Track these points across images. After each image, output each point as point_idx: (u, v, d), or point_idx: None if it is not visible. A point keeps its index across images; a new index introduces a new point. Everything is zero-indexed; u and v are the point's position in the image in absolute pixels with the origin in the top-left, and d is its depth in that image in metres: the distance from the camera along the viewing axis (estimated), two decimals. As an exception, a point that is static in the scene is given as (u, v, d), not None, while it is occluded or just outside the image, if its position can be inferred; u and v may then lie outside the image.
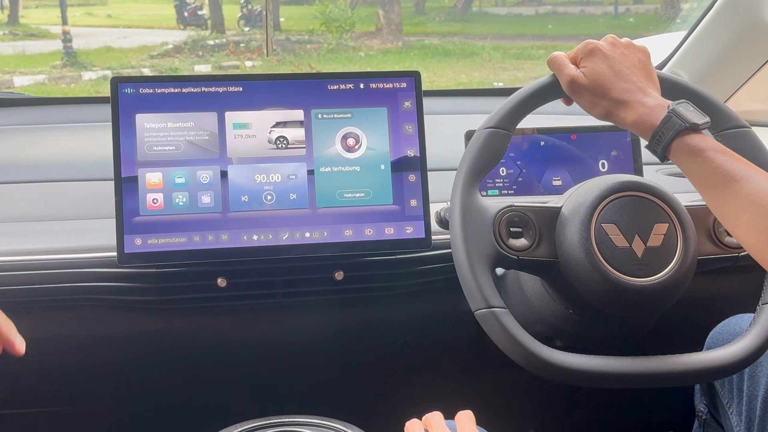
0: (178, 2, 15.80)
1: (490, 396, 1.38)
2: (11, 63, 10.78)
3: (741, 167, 1.08)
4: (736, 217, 1.08)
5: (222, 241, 1.34)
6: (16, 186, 1.57)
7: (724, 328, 1.39)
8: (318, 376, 1.54)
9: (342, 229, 1.37)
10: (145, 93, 1.35)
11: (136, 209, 1.32)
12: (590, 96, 1.16)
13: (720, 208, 1.11)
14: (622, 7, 16.32)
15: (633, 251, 1.21)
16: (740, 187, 1.06)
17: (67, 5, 13.20)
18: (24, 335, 1.37)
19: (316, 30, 12.43)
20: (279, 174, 1.37)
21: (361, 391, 1.51)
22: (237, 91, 1.38)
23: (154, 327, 1.42)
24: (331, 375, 1.54)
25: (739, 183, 1.06)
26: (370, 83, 1.41)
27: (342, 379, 1.55)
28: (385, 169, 1.40)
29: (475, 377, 1.53)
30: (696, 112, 1.12)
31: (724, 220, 1.12)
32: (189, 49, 12.28)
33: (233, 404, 1.44)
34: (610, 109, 1.14)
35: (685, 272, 1.21)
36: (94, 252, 1.35)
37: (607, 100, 1.14)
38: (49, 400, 1.50)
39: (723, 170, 1.08)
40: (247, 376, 1.53)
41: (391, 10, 13.36)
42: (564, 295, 1.28)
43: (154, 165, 1.34)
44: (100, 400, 1.53)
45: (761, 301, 1.23)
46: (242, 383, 1.54)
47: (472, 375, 1.52)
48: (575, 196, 1.25)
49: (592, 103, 1.17)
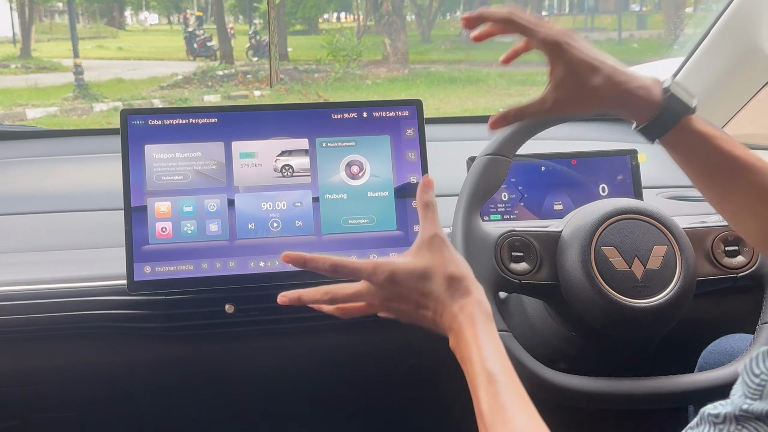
0: (187, 34, 15.91)
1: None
2: (24, 96, 10.80)
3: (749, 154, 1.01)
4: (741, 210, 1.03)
5: (229, 268, 1.35)
6: (28, 216, 1.57)
7: (716, 348, 1.39)
8: (326, 399, 1.53)
9: (348, 255, 1.37)
10: (154, 124, 1.36)
11: (145, 238, 1.33)
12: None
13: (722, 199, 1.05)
14: (626, 33, 16.37)
15: (633, 274, 1.21)
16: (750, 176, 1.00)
17: (79, 38, 13.30)
18: (35, 363, 1.39)
19: (323, 59, 12.46)
20: (285, 201, 1.38)
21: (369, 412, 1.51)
22: (243, 121, 1.39)
23: (164, 353, 1.41)
24: (338, 398, 1.53)
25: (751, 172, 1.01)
26: (373, 112, 1.41)
27: (349, 402, 1.54)
28: (388, 196, 1.40)
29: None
30: (686, 93, 1.02)
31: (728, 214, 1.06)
32: (198, 79, 12.32)
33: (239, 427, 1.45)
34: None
35: (684, 294, 1.21)
36: (104, 280, 1.35)
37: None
38: (60, 427, 1.49)
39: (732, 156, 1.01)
40: (255, 401, 1.53)
41: (397, 38, 13.42)
42: (566, 318, 1.28)
43: (162, 194, 1.35)
44: (110, 426, 1.53)
45: (761, 320, 1.23)
46: (251, 408, 1.54)
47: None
48: (575, 219, 1.26)
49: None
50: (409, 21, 15.35)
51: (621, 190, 1.55)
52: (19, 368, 1.38)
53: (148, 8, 21.06)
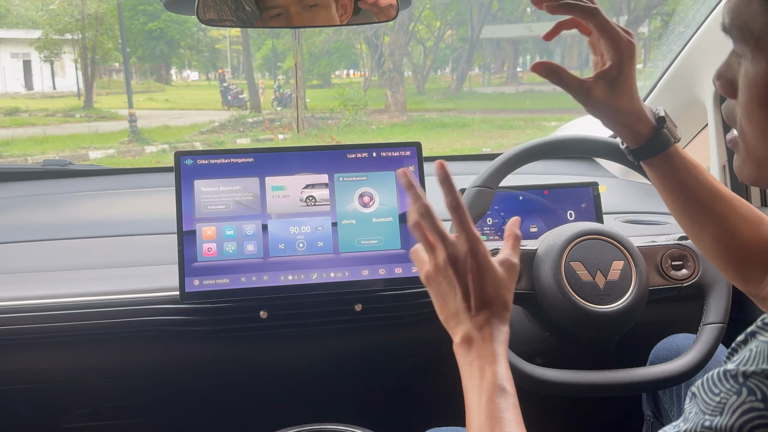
0: (222, 88, 15.99)
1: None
2: (87, 140, 10.84)
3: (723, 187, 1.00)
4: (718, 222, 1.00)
5: (263, 281, 1.35)
6: (96, 240, 1.57)
7: (664, 345, 1.39)
8: (341, 389, 1.53)
9: (360, 270, 1.38)
10: (202, 163, 1.36)
11: (194, 256, 1.33)
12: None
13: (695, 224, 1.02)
14: (587, 85, 16.40)
15: (596, 284, 1.21)
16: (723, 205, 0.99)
17: (133, 92, 13.33)
18: (102, 360, 1.39)
19: (335, 108, 12.48)
20: (309, 226, 1.38)
21: (377, 401, 1.50)
22: (274, 160, 1.39)
23: (208, 352, 1.41)
24: (352, 388, 1.53)
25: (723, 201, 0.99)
26: (381, 152, 1.42)
27: (361, 391, 1.53)
28: (394, 221, 1.40)
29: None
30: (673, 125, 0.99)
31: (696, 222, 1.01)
32: (232, 126, 12.36)
33: (272, 414, 1.44)
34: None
35: (639, 300, 1.22)
36: (160, 291, 1.35)
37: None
38: (123, 413, 1.49)
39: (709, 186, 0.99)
40: (284, 391, 1.52)
41: (397, 91, 13.45)
42: (541, 321, 1.28)
43: (208, 220, 1.35)
44: (165, 412, 1.53)
45: (702, 323, 1.23)
46: (280, 396, 1.53)
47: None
48: (548, 240, 1.26)
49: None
50: (407, 76, 15.38)
51: (585, 216, 1.55)
52: (88, 365, 1.38)
53: (190, 67, 21.13)
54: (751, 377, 0.55)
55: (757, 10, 0.61)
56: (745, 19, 0.63)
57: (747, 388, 0.55)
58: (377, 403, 1.54)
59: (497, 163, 1.26)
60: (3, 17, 15.38)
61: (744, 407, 0.55)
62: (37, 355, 1.35)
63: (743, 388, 0.56)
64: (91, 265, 1.46)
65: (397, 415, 1.29)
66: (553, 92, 15.84)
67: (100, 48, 14.82)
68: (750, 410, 0.54)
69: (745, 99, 0.65)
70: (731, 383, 0.57)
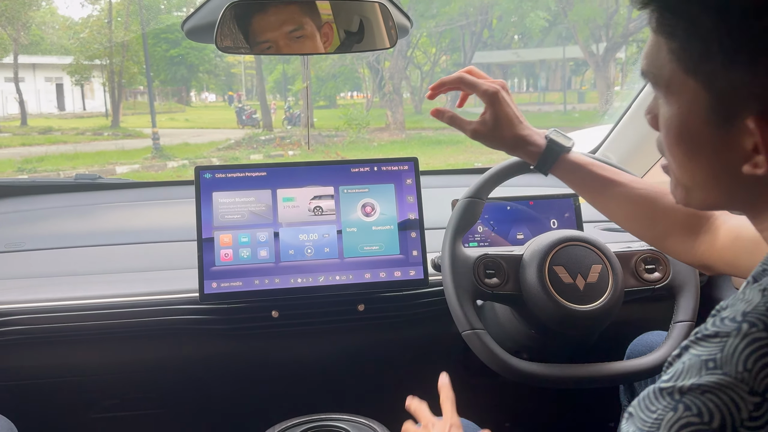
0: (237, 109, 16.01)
1: (474, 397, 1.37)
2: (113, 156, 10.83)
3: (615, 174, 1.09)
4: (615, 211, 1.10)
5: (275, 284, 1.35)
6: (122, 247, 1.57)
7: (640, 341, 1.38)
8: (345, 382, 1.53)
9: (363, 273, 1.38)
10: (219, 177, 1.37)
11: (212, 261, 1.33)
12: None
13: (600, 204, 1.11)
14: (570, 106, 16.44)
15: (577, 286, 1.21)
16: (616, 189, 1.07)
17: (156, 113, 13.36)
18: (128, 356, 1.40)
19: (340, 127, 12.48)
20: (316, 234, 1.38)
21: (377, 393, 1.50)
22: (285, 174, 1.40)
23: (224, 348, 1.41)
24: (353, 382, 1.52)
25: (616, 186, 1.07)
26: (382, 166, 1.42)
27: (363, 384, 1.53)
28: (393, 229, 1.41)
29: (462, 383, 1.52)
30: (565, 137, 1.11)
31: (605, 212, 1.12)
32: (246, 143, 12.36)
33: (282, 404, 1.44)
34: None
35: (615, 301, 1.22)
36: (181, 293, 1.35)
37: None
38: (148, 404, 1.49)
39: (600, 176, 1.08)
40: (293, 383, 1.52)
41: (396, 111, 13.47)
42: (527, 319, 1.28)
43: (225, 229, 1.35)
44: (185, 403, 1.52)
45: (673, 321, 1.23)
46: (289, 388, 1.52)
47: (460, 381, 1.51)
48: (533, 246, 1.26)
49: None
50: (406, 97, 15.38)
51: (567, 224, 1.55)
52: (116, 360, 1.38)
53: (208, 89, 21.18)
54: (686, 393, 0.54)
55: (665, 58, 0.61)
56: (657, 66, 0.62)
57: (683, 404, 0.54)
58: (378, 395, 1.54)
59: (487, 176, 1.26)
60: (38, 44, 15.42)
61: (681, 422, 0.53)
62: (70, 351, 1.35)
63: (679, 404, 0.54)
64: (118, 270, 1.47)
65: (395, 405, 1.29)
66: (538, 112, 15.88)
67: (126, 72, 14.86)
68: (687, 425, 0.53)
69: (664, 135, 0.65)
70: (667, 400, 0.55)
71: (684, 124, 0.62)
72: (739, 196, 0.64)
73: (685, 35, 0.58)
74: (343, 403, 1.35)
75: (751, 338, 0.52)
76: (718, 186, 0.63)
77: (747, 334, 0.52)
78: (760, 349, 0.51)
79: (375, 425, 1.26)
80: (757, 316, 0.53)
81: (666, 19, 0.59)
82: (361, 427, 1.26)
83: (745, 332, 0.52)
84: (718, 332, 0.54)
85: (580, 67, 18.06)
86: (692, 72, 0.59)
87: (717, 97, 0.58)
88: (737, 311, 0.54)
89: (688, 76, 0.59)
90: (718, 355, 0.53)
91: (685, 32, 0.58)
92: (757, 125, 0.56)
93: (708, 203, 0.67)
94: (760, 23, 0.53)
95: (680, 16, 0.58)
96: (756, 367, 0.51)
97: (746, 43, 0.54)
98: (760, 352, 0.51)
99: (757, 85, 0.55)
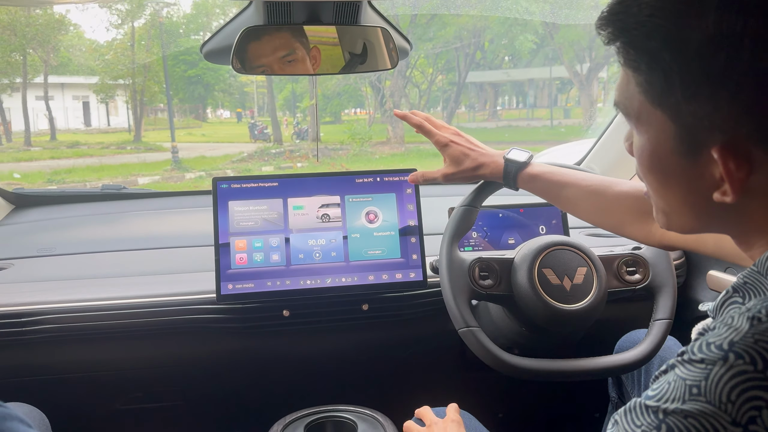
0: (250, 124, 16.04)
1: (469, 390, 1.37)
2: (136, 168, 10.85)
3: (567, 176, 1.13)
4: (576, 208, 1.13)
5: (286, 285, 1.35)
6: (145, 252, 1.58)
7: (628, 338, 1.38)
8: (350, 376, 1.52)
9: (367, 275, 1.38)
10: (235, 187, 1.37)
11: (228, 264, 1.33)
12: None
13: (563, 206, 1.16)
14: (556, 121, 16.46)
15: (563, 287, 1.21)
16: (569, 189, 1.12)
17: (175, 128, 13.38)
18: (151, 352, 1.40)
19: (345, 141, 12.50)
20: (324, 239, 1.38)
21: (379, 385, 1.50)
22: (295, 184, 1.40)
23: (240, 345, 1.41)
24: (358, 376, 1.52)
25: (569, 187, 1.12)
26: (384, 177, 1.42)
27: (366, 377, 1.52)
28: (394, 234, 1.41)
29: (458, 376, 1.52)
30: (522, 153, 1.17)
31: (571, 212, 1.16)
32: (258, 156, 12.37)
33: (292, 396, 1.44)
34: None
35: (599, 301, 1.21)
36: (199, 294, 1.35)
37: None
38: (168, 396, 1.49)
39: (555, 181, 1.13)
40: (302, 377, 1.52)
41: (396, 126, 13.45)
42: (518, 317, 1.28)
43: (240, 234, 1.35)
44: (203, 395, 1.52)
45: (652, 319, 1.23)
46: (299, 381, 1.52)
47: (457, 375, 1.51)
48: (523, 250, 1.26)
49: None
50: (405, 114, 15.38)
51: (555, 230, 1.55)
52: (140, 356, 1.38)
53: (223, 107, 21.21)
54: (670, 415, 0.52)
55: (634, 90, 0.59)
56: (626, 97, 0.61)
57: (666, 425, 0.52)
58: (380, 388, 1.54)
59: (480, 186, 1.26)
60: (66, 66, 15.47)
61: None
62: (97, 347, 1.35)
63: (662, 424, 0.52)
64: (141, 273, 1.47)
65: (397, 397, 1.29)
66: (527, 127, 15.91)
67: (148, 91, 14.89)
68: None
69: (638, 163, 0.64)
70: (652, 417, 0.53)
71: (654, 153, 0.61)
72: (715, 221, 0.62)
73: (649, 70, 0.57)
74: (349, 395, 1.35)
75: (736, 370, 0.50)
76: (692, 211, 0.62)
77: (733, 365, 0.50)
78: (745, 382, 0.49)
79: (378, 416, 1.26)
80: (743, 348, 0.50)
81: (630, 55, 0.58)
82: (365, 418, 1.26)
83: (731, 363, 0.50)
84: (704, 359, 0.52)
85: (566, 86, 18.08)
86: (658, 104, 0.58)
87: (683, 128, 0.57)
88: (724, 339, 0.52)
89: (655, 108, 0.58)
90: (703, 382, 0.51)
91: (648, 67, 0.57)
92: (721, 155, 0.54)
93: (687, 228, 0.65)
94: (716, 59, 0.52)
95: (643, 52, 0.57)
96: (739, 400, 0.49)
97: (704, 78, 0.53)
98: (744, 385, 0.49)
99: (719, 117, 0.53)
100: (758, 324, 0.51)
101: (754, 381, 0.49)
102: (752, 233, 0.60)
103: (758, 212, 0.57)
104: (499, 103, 19.60)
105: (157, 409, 1.51)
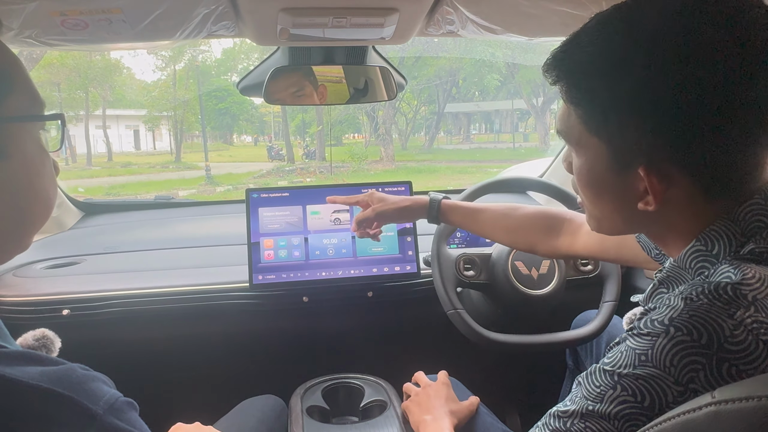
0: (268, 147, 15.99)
1: (455, 360, 1.36)
2: (176, 183, 10.82)
3: (479, 204, 1.10)
4: (492, 231, 1.08)
5: (305, 276, 1.34)
6: (187, 250, 1.56)
7: (582, 317, 1.38)
8: (358, 350, 1.51)
9: (371, 268, 1.38)
10: (264, 196, 1.37)
11: (258, 259, 1.33)
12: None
13: (481, 230, 1.10)
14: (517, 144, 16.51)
15: (532, 276, 1.22)
16: (484, 214, 1.08)
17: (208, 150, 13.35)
18: (194, 332, 1.38)
19: (346, 160, 12.51)
20: (336, 239, 1.38)
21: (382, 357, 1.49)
22: (312, 194, 1.39)
23: (267, 325, 1.40)
24: (365, 350, 1.51)
25: (483, 212, 1.08)
26: (385, 188, 1.41)
27: (371, 350, 1.51)
28: (393, 234, 1.40)
29: (446, 349, 1.52)
30: (440, 195, 1.12)
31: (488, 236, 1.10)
32: (274, 172, 12.35)
33: (311, 366, 1.43)
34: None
35: (560, 287, 1.23)
36: (235, 283, 1.35)
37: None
38: (208, 367, 1.48)
39: (472, 209, 1.09)
40: (319, 350, 1.51)
41: (387, 147, 13.46)
42: (495, 301, 1.29)
43: (268, 235, 1.35)
44: (237, 365, 1.51)
45: (601, 301, 1.24)
46: (315, 354, 1.52)
47: (445, 348, 1.51)
48: (500, 247, 1.26)
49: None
50: (395, 137, 15.39)
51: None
52: (185, 334, 1.37)
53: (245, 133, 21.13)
54: (624, 377, 0.53)
55: (575, 121, 0.59)
56: (567, 127, 0.61)
57: (620, 386, 0.53)
58: (383, 359, 1.53)
59: (462, 195, 1.26)
60: (120, 101, 15.47)
61: (619, 399, 0.53)
62: (152, 327, 1.34)
63: (618, 384, 0.53)
64: (187, 266, 1.46)
65: (397, 366, 1.29)
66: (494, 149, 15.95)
67: (186, 121, 14.87)
68: (624, 401, 0.53)
69: (576, 179, 0.64)
70: (609, 379, 0.54)
71: (591, 172, 0.61)
72: (638, 225, 0.63)
73: (589, 105, 0.57)
74: (357, 365, 1.35)
75: (676, 340, 0.50)
76: (620, 217, 0.62)
77: (673, 337, 0.51)
78: (684, 350, 0.50)
79: (382, 382, 1.26)
80: (681, 322, 0.51)
81: (573, 93, 0.58)
82: (371, 383, 1.26)
83: (672, 335, 0.51)
84: (650, 332, 0.52)
85: (525, 115, 18.14)
86: (595, 133, 0.58)
87: (615, 152, 0.57)
88: (665, 316, 0.52)
89: (592, 135, 0.58)
90: (650, 351, 0.52)
91: (589, 104, 0.57)
92: (646, 173, 0.55)
93: (615, 231, 0.65)
94: (643, 98, 0.52)
95: (584, 91, 0.57)
96: (680, 364, 0.50)
97: (635, 112, 0.54)
98: (683, 352, 0.50)
99: (644, 144, 0.54)
100: (691, 302, 0.51)
101: (691, 349, 0.50)
102: (668, 234, 0.61)
103: (674, 218, 0.58)
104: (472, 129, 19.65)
105: (201, 376, 1.50)
